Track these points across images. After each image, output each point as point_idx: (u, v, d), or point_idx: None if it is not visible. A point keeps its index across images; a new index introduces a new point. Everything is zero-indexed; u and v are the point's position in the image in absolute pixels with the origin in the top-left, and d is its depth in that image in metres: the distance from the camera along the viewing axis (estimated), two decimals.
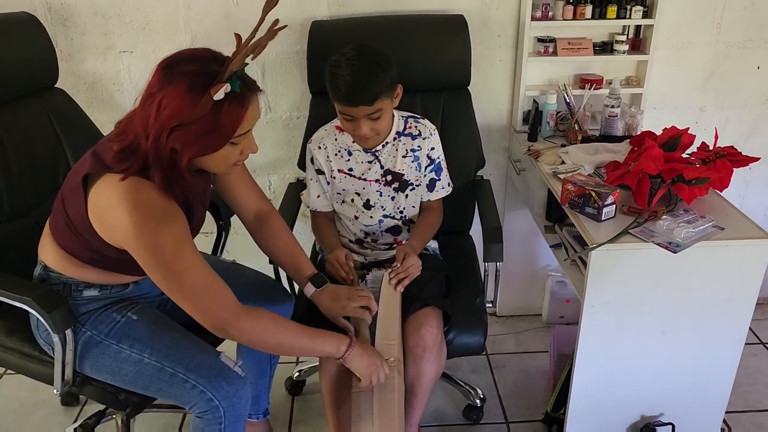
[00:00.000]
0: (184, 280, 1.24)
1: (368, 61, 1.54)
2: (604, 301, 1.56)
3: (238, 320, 1.29)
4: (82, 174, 1.25)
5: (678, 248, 1.45)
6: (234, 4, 2.00)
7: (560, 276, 2.43)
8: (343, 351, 1.40)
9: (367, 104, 1.54)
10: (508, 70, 2.15)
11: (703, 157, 1.66)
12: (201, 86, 1.14)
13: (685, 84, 2.20)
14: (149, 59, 2.06)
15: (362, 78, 1.52)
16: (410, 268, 1.63)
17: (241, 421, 1.39)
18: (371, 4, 2.02)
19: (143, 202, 1.19)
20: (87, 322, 1.40)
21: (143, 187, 1.20)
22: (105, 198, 1.22)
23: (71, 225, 1.31)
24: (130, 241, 1.22)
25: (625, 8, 2.00)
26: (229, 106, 1.17)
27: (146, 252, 1.22)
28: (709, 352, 1.65)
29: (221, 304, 1.28)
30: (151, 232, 1.20)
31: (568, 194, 1.62)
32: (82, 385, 1.45)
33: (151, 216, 1.20)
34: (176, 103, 1.14)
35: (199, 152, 1.21)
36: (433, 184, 1.81)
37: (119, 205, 1.19)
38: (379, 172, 1.74)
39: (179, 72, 1.16)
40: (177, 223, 1.24)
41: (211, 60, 1.19)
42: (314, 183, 1.79)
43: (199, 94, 1.14)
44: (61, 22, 1.98)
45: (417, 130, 1.76)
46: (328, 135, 1.76)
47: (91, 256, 1.34)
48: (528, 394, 2.15)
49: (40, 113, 1.75)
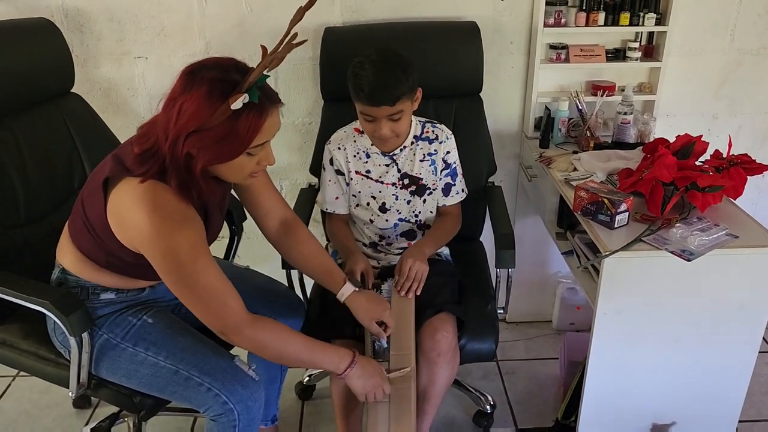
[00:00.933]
0: (196, 284, 1.25)
1: (391, 63, 1.57)
2: (616, 308, 1.56)
3: (242, 328, 1.30)
4: (102, 177, 1.26)
5: (692, 256, 1.45)
6: (248, 11, 2.02)
7: (571, 283, 2.42)
8: (343, 369, 1.41)
9: (389, 104, 1.56)
10: (520, 76, 2.15)
11: (717, 165, 1.66)
12: (220, 93, 1.15)
13: (697, 91, 2.20)
14: (163, 65, 2.07)
15: (385, 78, 1.54)
16: (413, 273, 1.63)
17: (254, 424, 1.39)
18: (384, 11, 2.03)
19: (161, 204, 1.21)
20: (103, 325, 1.42)
21: (162, 191, 1.21)
22: (124, 200, 1.23)
23: (90, 227, 1.32)
24: (145, 243, 1.23)
25: (638, 15, 2.00)
26: (247, 115, 1.18)
27: (161, 255, 1.23)
28: (722, 360, 1.64)
29: (229, 310, 1.29)
30: (167, 236, 1.21)
31: (580, 201, 1.62)
32: (97, 387, 1.46)
33: (169, 219, 1.21)
34: (194, 108, 1.15)
35: (214, 159, 1.22)
36: (448, 188, 1.82)
37: (137, 207, 1.20)
38: (396, 175, 1.75)
39: (201, 78, 1.17)
40: (193, 228, 1.25)
41: (233, 69, 1.20)
42: (333, 184, 1.79)
43: (218, 100, 1.15)
44: (78, 28, 2.00)
45: (434, 134, 1.78)
46: (348, 137, 1.78)
47: (108, 260, 1.36)
48: (538, 401, 2.15)
49: (56, 118, 1.77)
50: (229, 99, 1.15)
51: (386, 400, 1.48)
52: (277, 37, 2.08)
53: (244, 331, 1.30)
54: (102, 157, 1.79)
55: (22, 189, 1.64)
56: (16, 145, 1.65)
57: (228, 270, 1.67)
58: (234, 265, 1.74)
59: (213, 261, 1.28)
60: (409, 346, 1.54)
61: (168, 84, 2.12)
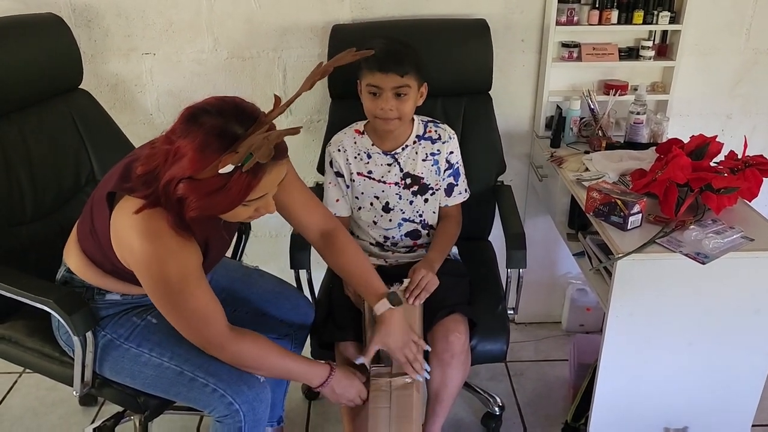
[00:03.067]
0: (182, 308, 1.26)
1: (402, 42, 1.64)
2: (628, 311, 1.54)
3: (224, 345, 1.32)
4: (107, 191, 1.25)
5: (706, 259, 1.42)
6: (256, 7, 2.00)
7: (580, 284, 2.40)
8: (317, 384, 1.45)
9: (398, 73, 1.57)
10: (531, 75, 2.12)
11: (732, 166, 1.63)
12: (215, 146, 1.08)
13: (711, 91, 2.17)
14: (171, 61, 2.06)
15: (396, 48, 1.60)
16: (423, 283, 1.62)
17: (260, 425, 1.38)
18: (394, 8, 2.01)
19: (155, 231, 1.18)
20: (107, 325, 1.41)
21: (158, 217, 1.17)
22: (121, 220, 1.21)
23: (96, 235, 1.30)
24: (136, 267, 1.23)
25: (652, 13, 1.97)
26: (240, 174, 1.10)
27: (151, 280, 1.23)
28: (735, 364, 1.61)
29: (211, 330, 1.30)
30: (157, 263, 1.20)
31: (593, 202, 1.59)
32: (101, 387, 1.45)
33: (161, 247, 1.19)
34: (188, 157, 1.09)
35: (204, 209, 1.15)
36: (451, 189, 1.80)
37: (131, 230, 1.18)
38: (399, 174, 1.74)
39: (199, 124, 1.10)
40: (186, 256, 1.22)
41: (234, 118, 1.12)
42: (333, 186, 1.78)
43: (212, 154, 1.08)
44: (86, 24, 1.99)
45: (437, 134, 1.76)
46: (348, 138, 1.76)
47: (112, 268, 1.34)
48: (547, 403, 2.13)
49: (64, 114, 1.76)
50: (221, 157, 1.08)
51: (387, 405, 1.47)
52: (285, 34, 2.08)
53: (226, 349, 1.32)
54: (110, 153, 1.81)
55: (29, 185, 1.63)
56: (23, 141, 1.64)
57: (237, 270, 1.67)
58: (243, 266, 1.72)
59: (203, 284, 1.27)
60: None
61: (175, 81, 2.12)
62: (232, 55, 2.06)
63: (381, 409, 1.46)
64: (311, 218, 1.52)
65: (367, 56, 1.46)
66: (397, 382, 1.51)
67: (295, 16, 2.02)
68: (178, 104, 2.12)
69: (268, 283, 1.67)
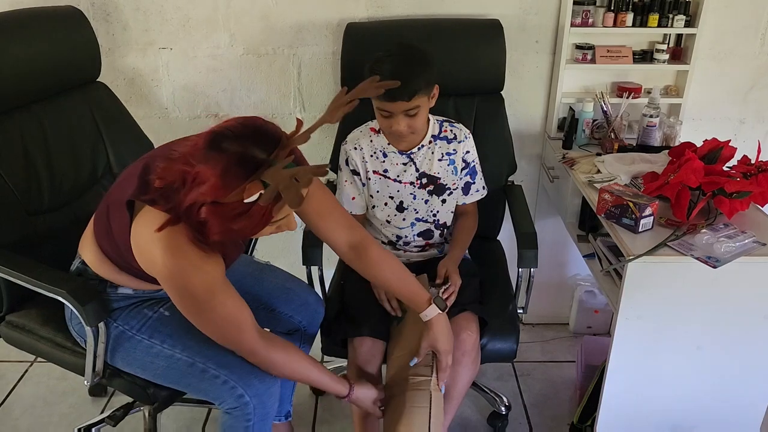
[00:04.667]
0: (211, 318, 1.27)
1: (409, 58, 1.56)
2: (638, 313, 1.54)
3: (256, 351, 1.33)
4: (128, 193, 1.24)
5: (718, 263, 1.42)
6: (273, 4, 2.01)
7: (589, 286, 2.40)
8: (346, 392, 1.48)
9: (405, 99, 1.54)
10: (544, 76, 2.13)
11: (745, 171, 1.62)
12: (237, 173, 1.07)
13: (725, 95, 2.16)
14: (188, 56, 2.08)
15: (402, 73, 1.50)
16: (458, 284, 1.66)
17: (269, 419, 1.39)
18: (409, 7, 2.02)
19: (177, 245, 1.17)
20: (119, 316, 1.42)
21: (180, 232, 1.17)
22: (144, 234, 1.21)
23: (113, 236, 1.31)
24: (161, 280, 1.23)
25: (667, 17, 1.97)
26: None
27: (177, 293, 1.24)
28: (745, 369, 1.61)
29: (244, 337, 1.31)
30: (182, 277, 1.20)
31: (604, 204, 1.60)
32: (112, 377, 1.47)
33: (184, 260, 1.18)
34: (209, 184, 1.07)
35: (228, 233, 1.14)
36: (468, 187, 1.81)
37: (154, 246, 1.18)
38: (414, 174, 1.74)
39: (222, 150, 1.08)
40: (209, 268, 1.23)
41: (256, 143, 1.09)
42: (349, 185, 1.78)
43: (234, 180, 1.07)
44: (104, 18, 2.01)
45: (452, 133, 1.76)
46: (364, 136, 1.76)
47: (127, 267, 1.35)
48: (553, 404, 2.13)
49: (82, 107, 1.78)
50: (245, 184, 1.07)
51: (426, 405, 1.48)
52: (301, 32, 2.08)
53: (257, 354, 1.34)
54: (126, 146, 1.83)
55: (47, 176, 1.65)
56: (41, 132, 1.66)
57: (249, 266, 1.68)
58: (254, 261, 1.73)
59: (230, 291, 1.28)
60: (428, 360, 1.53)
61: (191, 76, 2.14)
62: (247, 51, 2.08)
63: (421, 409, 1.45)
64: (337, 231, 1.49)
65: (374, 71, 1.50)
66: (434, 384, 1.50)
67: (310, 13, 2.03)
68: (193, 99, 2.14)
69: (278, 278, 1.68)
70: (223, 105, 2.16)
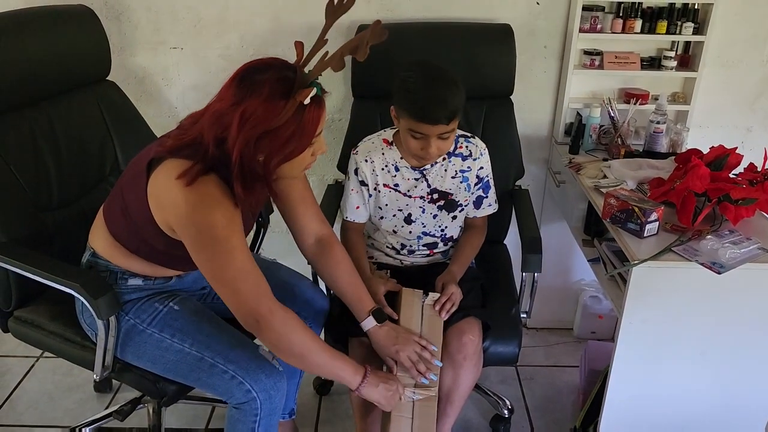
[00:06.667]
0: (228, 263, 1.25)
1: (444, 78, 1.53)
2: (642, 318, 1.54)
3: (271, 315, 1.29)
4: (142, 166, 1.28)
5: (722, 269, 1.43)
6: (283, 5, 2.03)
7: (594, 291, 2.40)
8: (358, 382, 1.40)
9: (445, 123, 1.52)
10: (552, 81, 2.14)
11: (751, 178, 1.63)
12: (281, 93, 1.18)
13: (733, 103, 2.17)
14: (198, 56, 2.09)
15: (440, 96, 1.50)
16: (455, 298, 1.63)
17: (275, 414, 1.41)
18: (419, 10, 2.03)
19: (199, 184, 1.22)
20: (130, 310, 1.44)
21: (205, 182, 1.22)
22: (163, 179, 1.24)
23: (126, 211, 1.34)
24: (181, 219, 1.24)
25: (675, 24, 1.98)
26: (310, 108, 1.21)
27: (196, 230, 1.24)
28: (749, 376, 1.61)
29: (258, 295, 1.29)
30: (203, 211, 1.22)
31: (610, 209, 1.60)
32: (121, 371, 1.48)
33: (207, 196, 1.22)
34: (260, 112, 1.17)
35: (285, 157, 1.24)
36: (480, 201, 1.79)
37: (175, 185, 1.21)
38: (426, 190, 1.72)
39: (257, 81, 1.18)
40: (230, 209, 1.25)
41: (284, 67, 1.22)
42: (355, 194, 1.76)
43: (280, 100, 1.17)
44: (116, 17, 2.03)
45: (468, 150, 1.73)
46: (376, 149, 1.73)
47: (138, 246, 1.37)
48: (556, 408, 2.13)
49: (91, 105, 1.80)
50: (296, 95, 1.17)
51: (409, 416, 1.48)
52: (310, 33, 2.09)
53: (272, 318, 1.29)
54: (135, 145, 1.84)
55: (56, 172, 1.67)
56: (51, 129, 1.68)
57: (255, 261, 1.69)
58: (261, 258, 1.75)
59: (247, 246, 1.29)
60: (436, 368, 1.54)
61: (201, 76, 2.15)
62: (257, 52, 2.09)
63: (403, 419, 1.46)
64: (310, 219, 1.55)
65: (409, 103, 1.51)
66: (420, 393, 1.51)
67: (320, 15, 2.01)
68: (202, 99, 2.11)
69: (284, 275, 1.69)
70: None
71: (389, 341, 1.51)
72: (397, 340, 1.51)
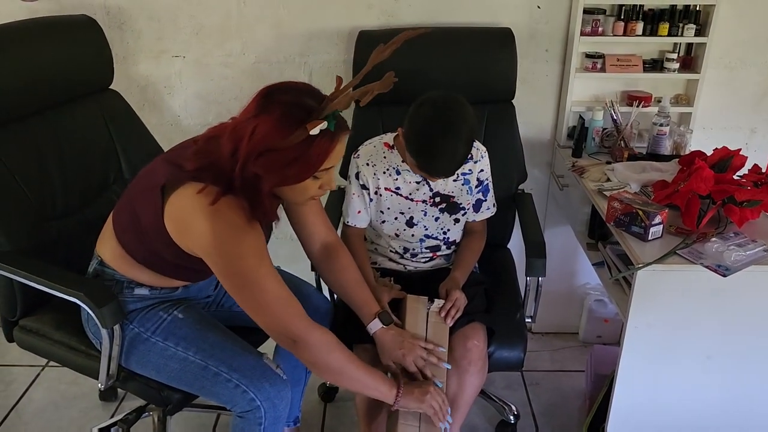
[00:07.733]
0: (260, 291, 1.27)
1: (457, 132, 1.49)
2: (647, 322, 1.54)
3: (308, 335, 1.30)
4: (157, 181, 1.28)
5: (728, 272, 1.42)
6: (285, 13, 2.04)
7: (599, 295, 2.39)
8: (395, 395, 1.39)
9: (449, 176, 1.60)
10: (554, 84, 2.14)
11: (755, 180, 1.62)
12: (294, 118, 1.18)
13: (736, 105, 2.16)
14: (200, 64, 2.10)
15: (450, 152, 1.49)
16: (459, 304, 1.63)
17: (280, 423, 1.40)
18: (420, 15, 2.04)
19: (224, 212, 1.22)
20: (135, 319, 1.44)
21: (223, 203, 1.22)
22: (186, 206, 1.24)
23: (137, 225, 1.33)
24: (208, 249, 1.25)
25: (677, 26, 1.98)
26: (320, 140, 1.20)
27: (224, 261, 1.25)
28: (755, 379, 1.60)
29: (292, 316, 1.30)
30: (232, 242, 1.23)
31: (614, 212, 1.60)
32: (125, 380, 1.48)
33: (234, 226, 1.23)
34: (267, 129, 1.17)
35: (281, 181, 1.24)
36: (479, 204, 1.79)
37: (200, 214, 1.22)
38: (428, 193, 1.72)
39: (276, 101, 1.20)
40: (257, 235, 1.27)
41: (307, 94, 1.23)
42: (357, 198, 1.76)
43: (292, 124, 1.17)
44: (118, 26, 2.04)
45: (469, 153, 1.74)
46: (377, 152, 1.73)
47: (145, 257, 1.38)
48: (562, 413, 2.12)
49: (95, 114, 1.80)
50: (306, 124, 1.17)
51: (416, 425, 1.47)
52: (312, 40, 2.11)
53: (310, 337, 1.30)
54: (138, 153, 1.85)
55: (60, 181, 1.67)
56: (54, 139, 1.68)
57: None
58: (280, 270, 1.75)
59: (275, 269, 1.30)
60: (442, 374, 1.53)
61: (203, 84, 2.16)
62: (259, 59, 2.10)
63: (409, 427, 1.45)
64: (318, 226, 1.57)
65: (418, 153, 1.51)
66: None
67: (322, 21, 2.05)
68: (205, 107, 2.17)
69: (289, 282, 1.67)
70: (234, 113, 2.12)
71: (395, 345, 1.51)
72: (402, 344, 1.51)
